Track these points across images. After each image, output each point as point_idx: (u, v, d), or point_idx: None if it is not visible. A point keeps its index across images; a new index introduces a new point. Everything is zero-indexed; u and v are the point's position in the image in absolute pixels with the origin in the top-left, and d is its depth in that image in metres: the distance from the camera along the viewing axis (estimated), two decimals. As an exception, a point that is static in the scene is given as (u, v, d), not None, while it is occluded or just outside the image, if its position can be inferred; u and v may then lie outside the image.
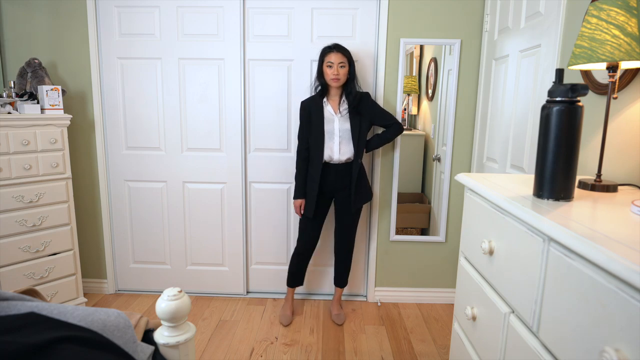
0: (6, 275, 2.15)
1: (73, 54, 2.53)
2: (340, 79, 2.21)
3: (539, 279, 0.87)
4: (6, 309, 0.82)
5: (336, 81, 2.21)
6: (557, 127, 0.94)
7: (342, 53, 2.21)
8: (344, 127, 2.27)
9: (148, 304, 2.67)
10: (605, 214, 0.89)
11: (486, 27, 2.38)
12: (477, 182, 1.21)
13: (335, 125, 2.27)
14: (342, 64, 2.20)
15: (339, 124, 2.27)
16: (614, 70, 1.11)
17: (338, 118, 2.28)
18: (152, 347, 0.91)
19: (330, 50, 2.22)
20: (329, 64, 2.21)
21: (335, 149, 2.28)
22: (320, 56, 2.26)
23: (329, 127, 2.27)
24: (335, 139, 2.27)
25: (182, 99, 2.58)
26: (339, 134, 2.27)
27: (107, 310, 0.88)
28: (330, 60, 2.20)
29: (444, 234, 2.67)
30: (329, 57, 2.21)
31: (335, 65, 2.19)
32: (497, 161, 2.18)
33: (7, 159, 2.10)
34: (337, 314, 2.50)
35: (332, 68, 2.20)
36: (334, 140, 2.27)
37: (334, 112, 2.28)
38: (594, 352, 0.68)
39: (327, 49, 2.24)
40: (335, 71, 2.19)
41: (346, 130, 2.27)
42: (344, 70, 2.22)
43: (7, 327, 0.74)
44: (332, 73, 2.20)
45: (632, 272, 0.58)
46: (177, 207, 2.70)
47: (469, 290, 1.29)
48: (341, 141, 2.27)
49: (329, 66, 2.21)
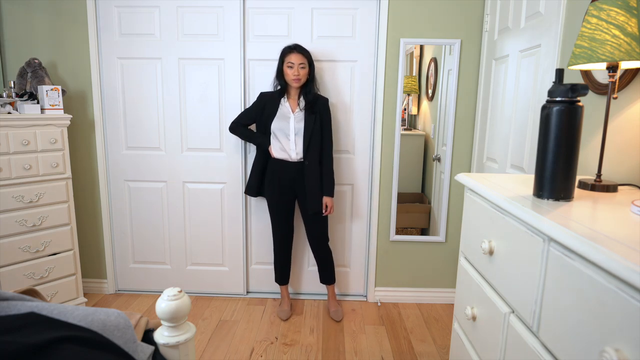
0: (6, 275, 2.15)
1: (73, 54, 2.53)
2: (300, 79, 2.23)
3: (539, 279, 0.87)
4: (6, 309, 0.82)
5: (297, 81, 2.23)
6: (557, 127, 0.94)
7: (303, 54, 2.23)
8: (299, 126, 2.28)
9: (148, 304, 2.66)
10: (605, 214, 0.89)
11: (486, 27, 2.38)
12: (477, 182, 1.21)
13: (291, 123, 2.28)
14: (302, 65, 2.22)
15: (294, 122, 2.28)
16: (614, 70, 1.11)
17: (294, 117, 2.29)
18: (152, 347, 0.91)
19: (291, 50, 2.23)
20: (289, 65, 2.22)
21: (292, 147, 2.29)
22: (280, 56, 2.28)
23: (283, 124, 2.28)
24: (291, 137, 2.28)
25: (182, 99, 2.58)
26: (294, 132, 2.28)
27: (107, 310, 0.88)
28: (291, 60, 2.22)
29: (444, 234, 2.67)
30: (289, 58, 2.22)
31: (295, 66, 2.21)
32: (497, 161, 2.18)
33: (7, 159, 2.10)
34: (335, 310, 2.52)
35: (292, 69, 2.22)
36: (290, 138, 2.29)
37: (291, 110, 2.29)
38: (593, 352, 0.68)
39: (287, 49, 2.25)
40: (296, 72, 2.21)
41: (300, 129, 2.28)
42: (305, 71, 2.24)
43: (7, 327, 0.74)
44: (293, 73, 2.22)
45: (632, 272, 0.58)
46: (177, 207, 2.70)
47: (469, 290, 1.29)
48: (297, 140, 2.29)
49: (289, 67, 2.22)
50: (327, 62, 2.51)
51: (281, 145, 2.31)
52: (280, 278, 2.57)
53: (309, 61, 2.26)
